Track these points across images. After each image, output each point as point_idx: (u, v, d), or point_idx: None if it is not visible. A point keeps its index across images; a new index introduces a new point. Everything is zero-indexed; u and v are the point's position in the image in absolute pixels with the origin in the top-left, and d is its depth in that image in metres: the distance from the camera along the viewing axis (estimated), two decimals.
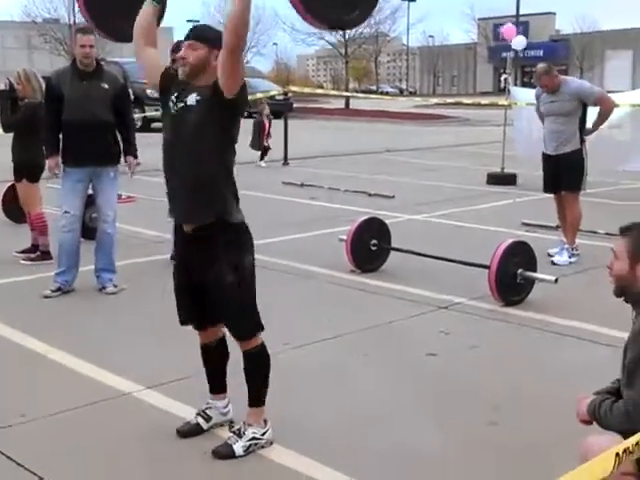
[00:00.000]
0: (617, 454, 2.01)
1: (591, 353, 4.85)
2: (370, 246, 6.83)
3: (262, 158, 15.64)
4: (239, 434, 3.53)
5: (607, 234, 7.60)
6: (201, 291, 3.50)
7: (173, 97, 3.46)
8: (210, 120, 3.35)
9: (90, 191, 6.26)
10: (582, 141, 7.19)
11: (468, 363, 4.75)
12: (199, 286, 3.49)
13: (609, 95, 7.51)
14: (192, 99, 3.38)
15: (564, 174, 7.19)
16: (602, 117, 7.25)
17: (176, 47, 6.46)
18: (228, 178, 3.47)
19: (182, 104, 3.41)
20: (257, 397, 3.58)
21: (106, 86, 5.98)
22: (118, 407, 4.08)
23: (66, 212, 6.05)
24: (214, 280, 3.41)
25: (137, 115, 14.35)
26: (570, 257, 7.15)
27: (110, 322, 5.51)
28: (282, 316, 5.54)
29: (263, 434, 3.56)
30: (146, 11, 3.69)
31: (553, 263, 7.04)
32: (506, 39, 13.48)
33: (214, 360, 3.75)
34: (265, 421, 3.60)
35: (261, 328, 3.54)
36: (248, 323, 3.51)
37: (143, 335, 5.14)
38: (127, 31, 3.78)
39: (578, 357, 4.80)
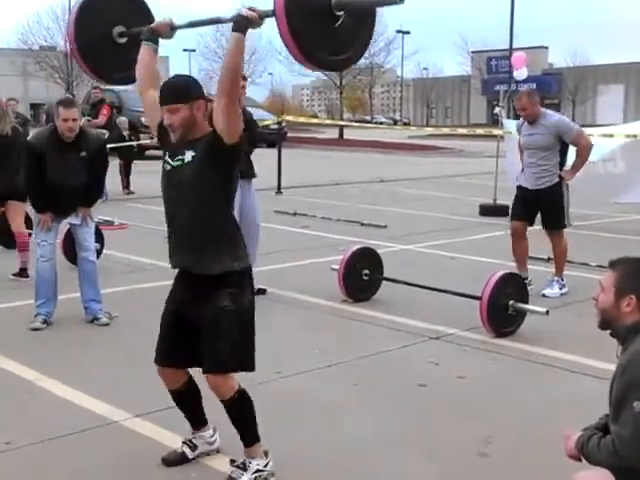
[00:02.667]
0: None
1: (581, 385, 4.84)
2: (362, 276, 6.83)
3: None
4: (244, 467, 3.49)
5: (599, 266, 7.62)
6: (191, 326, 3.44)
7: (167, 156, 3.47)
8: (209, 173, 3.33)
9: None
10: (561, 177, 7.05)
11: (458, 394, 4.73)
12: (190, 320, 3.45)
13: (587, 134, 7.32)
14: (189, 156, 3.36)
15: (546, 211, 7.08)
16: (581, 157, 7.08)
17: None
18: (234, 224, 3.52)
19: (179, 162, 3.39)
20: (250, 437, 3.53)
21: (84, 154, 5.94)
22: (105, 435, 4.04)
23: (43, 241, 6.05)
24: (210, 309, 3.37)
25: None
26: (561, 289, 7.16)
27: (100, 350, 5.49)
28: (274, 344, 5.53)
29: (266, 465, 3.53)
30: (144, 53, 3.77)
31: (544, 295, 7.02)
32: (517, 67, 13.43)
33: (188, 401, 3.70)
34: (266, 453, 3.56)
35: (243, 368, 3.45)
36: (231, 355, 3.38)
37: (133, 363, 5.11)
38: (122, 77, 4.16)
39: (568, 389, 4.79)
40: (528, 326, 5.92)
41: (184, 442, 3.74)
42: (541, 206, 7.07)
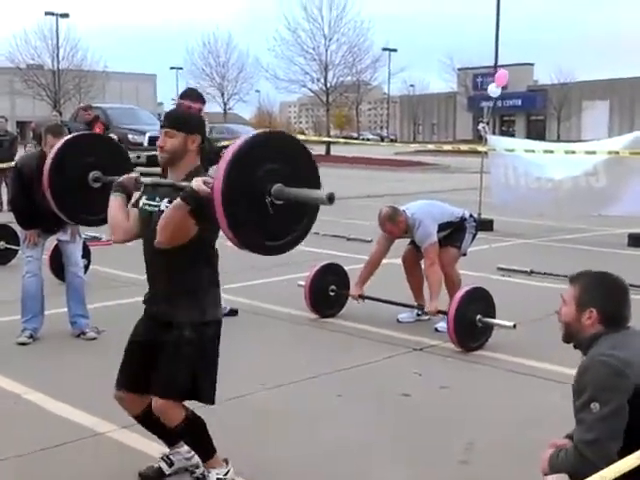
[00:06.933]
0: None
1: (564, 395, 4.90)
2: (329, 291, 6.79)
3: None
4: (203, 478, 3.52)
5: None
6: (152, 354, 3.43)
7: (144, 198, 3.48)
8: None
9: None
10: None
11: (441, 404, 4.81)
12: (151, 348, 3.45)
13: (435, 253, 6.42)
14: (164, 205, 3.34)
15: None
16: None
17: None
18: (210, 275, 3.50)
19: (154, 207, 3.40)
20: (204, 454, 3.54)
21: None
22: (92, 446, 4.09)
23: (29, 257, 6.10)
24: (172, 335, 3.39)
25: None
26: None
27: (87, 364, 5.52)
28: (259, 357, 5.59)
29: (226, 474, 3.53)
30: (112, 204, 3.61)
31: (437, 330, 6.37)
32: (499, 84, 13.62)
33: (155, 423, 3.54)
34: (226, 461, 3.56)
35: (182, 397, 3.40)
36: (178, 384, 3.36)
37: None
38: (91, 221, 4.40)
39: (551, 399, 4.85)
40: (510, 337, 6.00)
41: (161, 458, 3.75)
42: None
